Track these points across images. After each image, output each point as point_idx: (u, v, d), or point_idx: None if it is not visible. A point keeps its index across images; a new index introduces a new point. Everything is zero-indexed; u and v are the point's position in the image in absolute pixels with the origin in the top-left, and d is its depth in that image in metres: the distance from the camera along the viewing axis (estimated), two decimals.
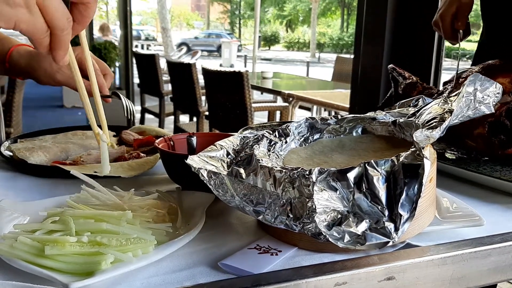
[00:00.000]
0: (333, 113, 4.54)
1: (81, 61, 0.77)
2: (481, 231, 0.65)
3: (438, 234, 0.64)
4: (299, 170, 0.56)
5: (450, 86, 1.04)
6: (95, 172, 0.81)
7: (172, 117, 4.64)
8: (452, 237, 0.63)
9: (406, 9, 2.11)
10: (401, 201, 0.53)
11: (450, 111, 0.65)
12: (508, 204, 0.78)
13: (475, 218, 0.66)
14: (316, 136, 0.76)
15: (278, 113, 4.45)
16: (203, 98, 3.98)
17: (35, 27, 0.48)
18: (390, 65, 1.19)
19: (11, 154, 0.91)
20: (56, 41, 0.51)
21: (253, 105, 3.53)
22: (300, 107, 4.76)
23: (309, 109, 5.14)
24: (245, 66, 14.23)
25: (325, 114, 5.01)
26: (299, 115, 5.16)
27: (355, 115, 0.77)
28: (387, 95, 1.18)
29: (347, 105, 2.81)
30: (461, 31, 1.20)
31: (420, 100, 0.78)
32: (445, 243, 0.61)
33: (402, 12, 2.12)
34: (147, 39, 28.44)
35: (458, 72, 1.07)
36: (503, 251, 0.62)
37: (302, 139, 0.76)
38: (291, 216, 0.55)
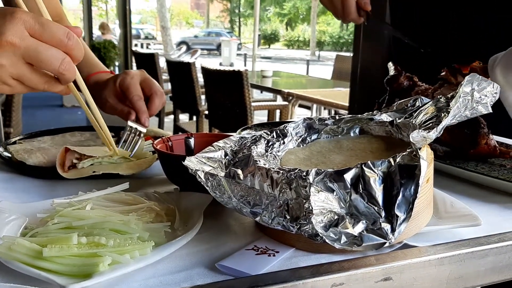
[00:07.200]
0: (333, 112, 4.55)
1: (127, 87, 0.89)
2: (479, 231, 0.65)
3: (435, 234, 0.64)
4: (296, 171, 0.56)
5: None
6: (94, 172, 0.82)
7: (172, 116, 4.63)
8: (449, 238, 0.63)
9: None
10: (397, 202, 0.53)
11: (447, 111, 0.65)
12: (506, 204, 0.78)
13: (472, 218, 0.66)
14: (314, 136, 0.76)
15: (278, 112, 4.45)
16: (203, 97, 3.98)
17: (16, 91, 0.63)
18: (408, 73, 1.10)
19: (9, 155, 0.91)
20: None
21: (253, 104, 3.53)
22: (300, 105, 4.76)
23: (309, 108, 5.15)
24: (245, 64, 14.24)
25: (325, 113, 5.01)
26: (299, 114, 5.17)
27: (353, 115, 0.77)
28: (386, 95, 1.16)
29: (347, 104, 2.81)
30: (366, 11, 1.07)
31: (417, 100, 0.78)
32: (442, 244, 0.61)
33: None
34: (146, 38, 28.47)
35: None
36: (500, 251, 0.62)
37: (300, 139, 0.76)
38: (288, 217, 0.55)
